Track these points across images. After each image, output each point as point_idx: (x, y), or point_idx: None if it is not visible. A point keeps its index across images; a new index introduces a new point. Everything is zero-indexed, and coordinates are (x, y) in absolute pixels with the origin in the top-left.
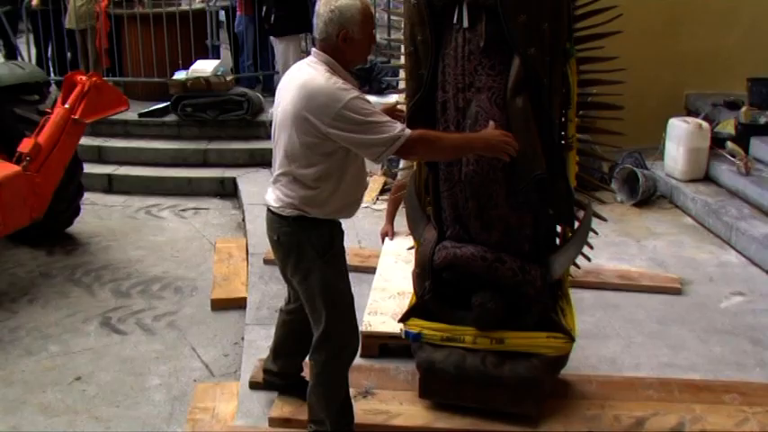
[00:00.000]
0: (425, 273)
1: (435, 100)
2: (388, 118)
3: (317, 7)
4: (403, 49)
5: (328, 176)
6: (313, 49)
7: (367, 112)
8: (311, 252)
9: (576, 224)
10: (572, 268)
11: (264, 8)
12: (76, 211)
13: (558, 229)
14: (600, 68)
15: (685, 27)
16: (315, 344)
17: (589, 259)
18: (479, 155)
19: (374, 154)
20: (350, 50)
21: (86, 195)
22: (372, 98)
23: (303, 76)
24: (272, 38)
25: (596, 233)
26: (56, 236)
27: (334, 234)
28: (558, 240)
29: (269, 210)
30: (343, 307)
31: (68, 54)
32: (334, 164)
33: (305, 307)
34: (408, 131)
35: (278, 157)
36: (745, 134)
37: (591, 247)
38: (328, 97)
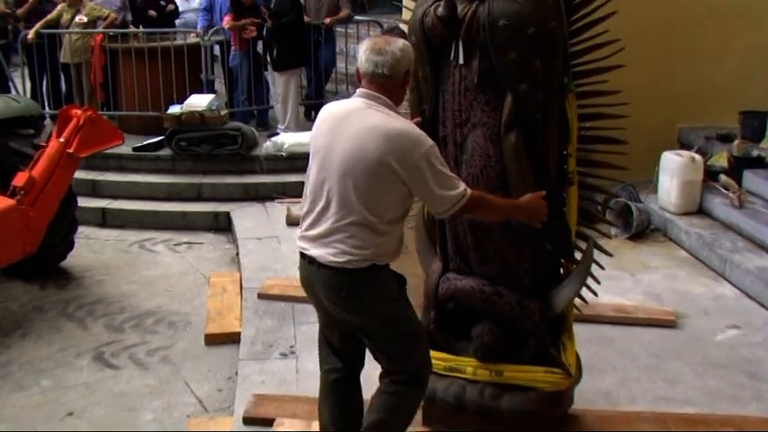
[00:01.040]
0: (431, 303)
1: (437, 134)
2: (453, 174)
3: (370, 46)
4: None
5: (398, 221)
6: (365, 90)
7: (442, 163)
8: (385, 299)
9: (579, 257)
10: (578, 302)
11: (262, 43)
12: (70, 246)
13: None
14: (599, 103)
15: (678, 61)
16: (398, 388)
17: (596, 293)
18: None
19: (441, 208)
20: (405, 89)
21: (80, 229)
22: None
23: (376, 119)
24: (268, 73)
25: (601, 267)
26: (49, 270)
27: (396, 274)
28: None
29: (324, 266)
30: (423, 339)
31: (63, 88)
32: (405, 208)
33: (378, 355)
34: (470, 191)
35: (338, 207)
36: (737, 167)
37: (597, 282)
38: (411, 142)
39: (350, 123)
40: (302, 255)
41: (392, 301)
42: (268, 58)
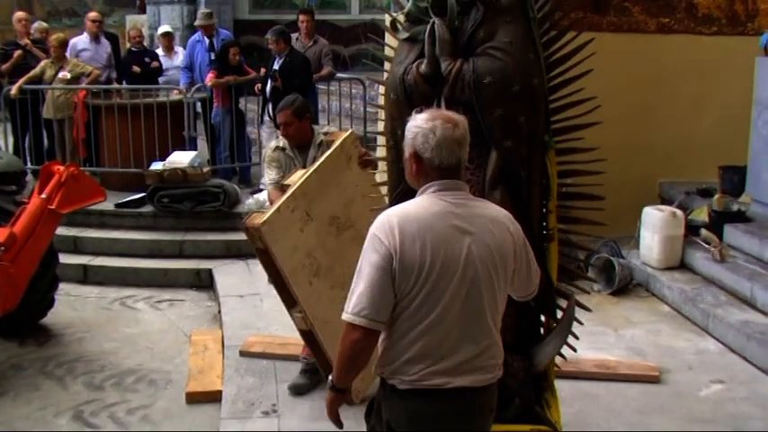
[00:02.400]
0: None
1: (416, 193)
2: None
3: (449, 135)
4: (382, 142)
5: None
6: (453, 182)
7: None
8: None
9: (560, 314)
10: (557, 359)
11: (262, 100)
12: (50, 303)
13: (543, 319)
14: (578, 159)
15: (657, 117)
16: None
17: (575, 350)
18: None
19: (528, 290)
20: None
21: (61, 286)
22: None
23: (485, 210)
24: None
25: (581, 323)
26: (28, 327)
27: None
28: (542, 331)
29: (477, 391)
30: None
31: (45, 143)
32: None
33: None
34: None
35: (487, 318)
36: (718, 221)
37: (576, 338)
38: (516, 227)
39: (465, 226)
40: (431, 392)
41: None
42: (267, 116)
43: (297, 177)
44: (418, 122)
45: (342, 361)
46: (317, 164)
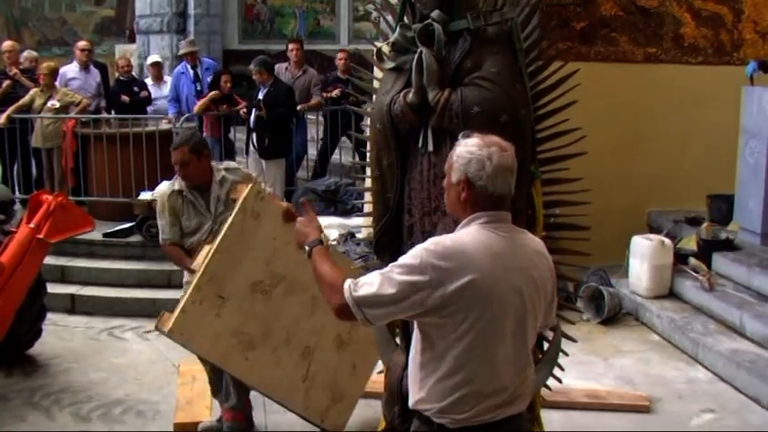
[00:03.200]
0: (395, 397)
1: (402, 224)
2: None
3: (501, 164)
4: (369, 173)
5: None
6: (502, 213)
7: None
8: None
9: (546, 345)
10: (543, 390)
11: (246, 129)
12: (38, 334)
13: None
14: (565, 189)
15: (645, 146)
16: None
17: (560, 380)
18: None
19: (551, 318)
20: None
21: (48, 315)
22: (337, 220)
23: (528, 241)
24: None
25: (566, 354)
26: (15, 357)
27: None
28: None
29: (518, 417)
30: None
31: (34, 173)
32: None
33: None
34: None
35: (528, 349)
36: (707, 250)
37: (562, 369)
38: (549, 258)
39: (516, 261)
40: (482, 427)
41: None
42: (252, 146)
43: (201, 259)
44: (471, 148)
45: (322, 283)
46: (217, 241)
